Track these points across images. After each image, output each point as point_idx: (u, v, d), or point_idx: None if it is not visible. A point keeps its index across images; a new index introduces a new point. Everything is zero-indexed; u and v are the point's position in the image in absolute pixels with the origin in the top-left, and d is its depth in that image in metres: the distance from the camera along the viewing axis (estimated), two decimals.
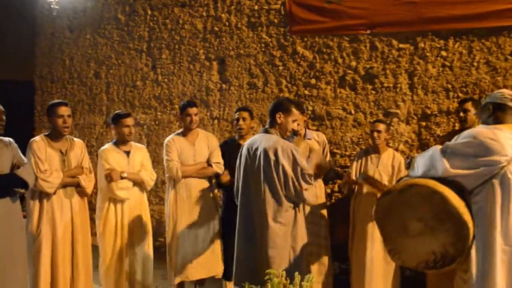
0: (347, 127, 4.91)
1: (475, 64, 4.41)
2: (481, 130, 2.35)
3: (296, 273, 2.22)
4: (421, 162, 2.49)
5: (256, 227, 3.23)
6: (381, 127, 4.16)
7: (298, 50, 5.13)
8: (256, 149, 3.25)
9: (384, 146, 4.23)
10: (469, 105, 3.81)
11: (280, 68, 5.23)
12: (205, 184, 4.23)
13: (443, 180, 2.33)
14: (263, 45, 5.33)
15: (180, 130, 4.34)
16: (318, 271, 4.21)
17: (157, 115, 6.13)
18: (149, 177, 4.16)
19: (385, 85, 4.73)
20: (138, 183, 4.11)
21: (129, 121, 4.08)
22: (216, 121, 5.65)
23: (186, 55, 5.87)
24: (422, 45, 4.59)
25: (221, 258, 4.27)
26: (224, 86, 5.60)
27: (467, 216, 2.25)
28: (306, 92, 5.08)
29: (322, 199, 4.34)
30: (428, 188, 2.31)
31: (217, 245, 4.27)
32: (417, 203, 2.36)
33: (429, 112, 4.56)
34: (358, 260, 4.13)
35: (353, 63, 4.87)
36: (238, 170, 3.43)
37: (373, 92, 4.79)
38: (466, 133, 2.40)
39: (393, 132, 4.64)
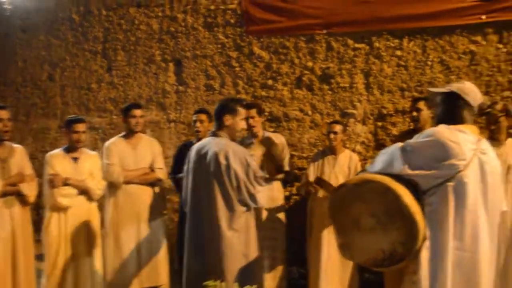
0: (304, 129, 4.84)
1: (429, 63, 4.41)
2: (442, 131, 2.24)
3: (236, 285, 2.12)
4: (381, 158, 2.42)
5: (208, 236, 3.11)
6: (337, 128, 4.10)
7: (254, 51, 5.04)
8: (206, 153, 3.13)
9: (340, 147, 4.18)
10: (421, 104, 3.78)
11: (237, 69, 5.13)
12: (147, 191, 4.07)
13: (400, 178, 2.26)
14: (219, 45, 5.22)
15: (123, 133, 4.18)
16: (273, 276, 4.12)
17: (113, 119, 5.94)
18: (96, 186, 3.96)
19: (341, 85, 4.68)
20: (84, 192, 3.92)
21: (80, 127, 3.90)
22: (173, 124, 5.51)
23: (142, 56, 5.70)
24: (377, 44, 4.56)
25: (167, 267, 4.13)
26: (180, 88, 5.46)
27: (418, 216, 2.18)
28: (263, 93, 4.99)
29: (280, 201, 4.25)
30: (382, 184, 2.24)
31: (163, 254, 4.12)
32: (371, 198, 2.29)
33: (385, 112, 4.53)
34: (315, 264, 4.06)
35: (310, 64, 4.80)
36: (187, 176, 3.30)
37: (330, 92, 4.73)
38: (427, 132, 2.30)
39: (350, 132, 4.60)
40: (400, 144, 2.33)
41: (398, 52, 4.49)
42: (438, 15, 4.38)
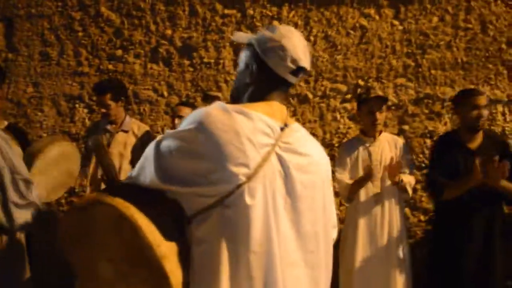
0: (158, 114, 3.81)
1: (312, 38, 3.54)
2: (212, 115, 1.18)
3: None
4: (142, 158, 1.37)
5: None
6: (185, 111, 3.13)
7: (102, 12, 3.93)
8: None
9: None
10: None
11: (80, 34, 3.99)
12: None
13: (156, 194, 1.25)
14: (60, 3, 4.06)
15: None
16: None
17: None
18: None
19: (205, 60, 3.70)
20: None
21: None
22: None
23: None
24: (251, 12, 3.63)
25: None
26: (10, 55, 4.23)
27: (169, 264, 1.18)
28: (110, 66, 3.90)
29: None
30: (114, 208, 1.22)
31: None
32: (105, 232, 1.26)
33: None
34: None
35: (169, 31, 3.78)
36: None
37: (191, 69, 3.73)
38: (192, 115, 1.23)
39: None
40: (159, 137, 1.30)
41: (276, 23, 3.59)
42: None
